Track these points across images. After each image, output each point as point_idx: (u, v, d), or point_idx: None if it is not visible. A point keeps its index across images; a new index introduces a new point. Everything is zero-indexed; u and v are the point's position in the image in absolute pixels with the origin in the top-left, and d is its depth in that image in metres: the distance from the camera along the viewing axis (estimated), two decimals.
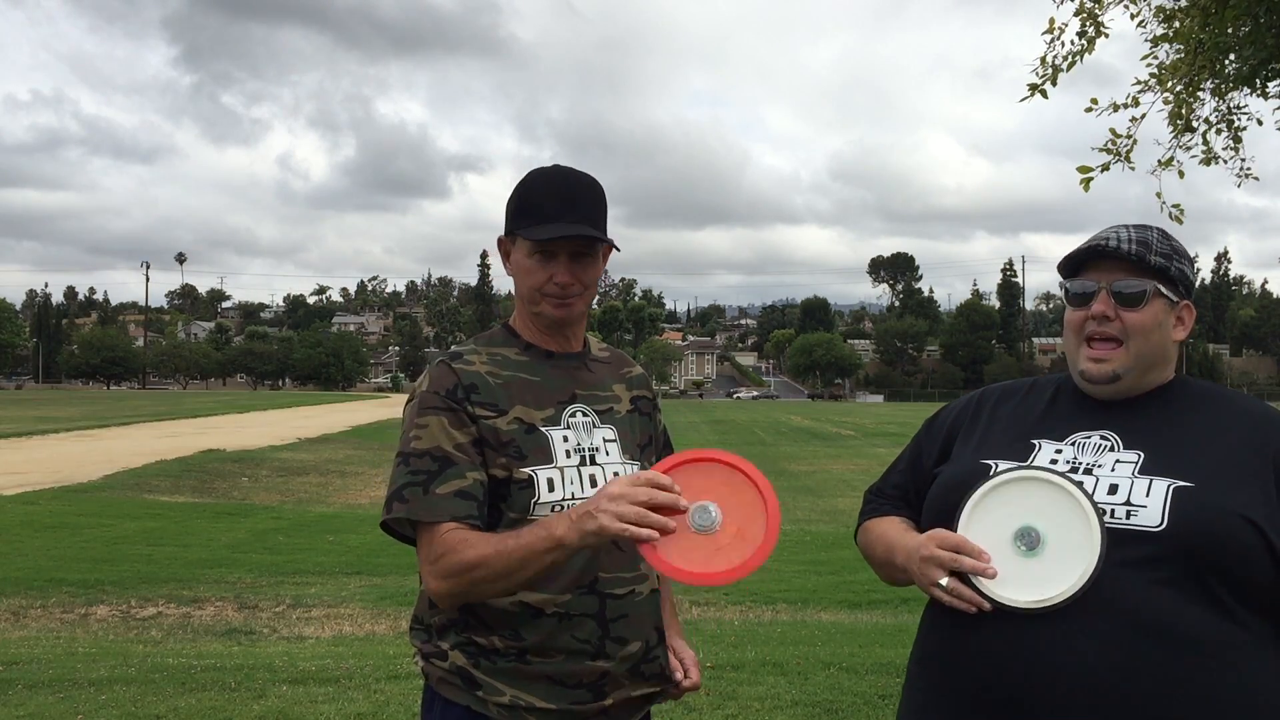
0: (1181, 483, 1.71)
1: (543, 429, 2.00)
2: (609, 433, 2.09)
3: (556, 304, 2.05)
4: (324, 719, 5.09)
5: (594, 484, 2.01)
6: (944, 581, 1.71)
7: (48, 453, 24.83)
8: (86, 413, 43.54)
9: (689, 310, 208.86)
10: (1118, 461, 1.78)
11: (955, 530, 1.74)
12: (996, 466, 1.81)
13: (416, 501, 1.92)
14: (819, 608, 9.62)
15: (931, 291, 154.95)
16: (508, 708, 1.95)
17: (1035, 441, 1.85)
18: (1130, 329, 1.82)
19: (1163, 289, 1.83)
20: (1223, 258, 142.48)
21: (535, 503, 1.96)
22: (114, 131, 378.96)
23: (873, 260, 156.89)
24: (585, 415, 2.07)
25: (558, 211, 2.02)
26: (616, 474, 2.04)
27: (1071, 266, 1.89)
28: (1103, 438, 1.82)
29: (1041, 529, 1.70)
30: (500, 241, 2.11)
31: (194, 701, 5.37)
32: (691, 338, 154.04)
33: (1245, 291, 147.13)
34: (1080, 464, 1.80)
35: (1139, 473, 1.75)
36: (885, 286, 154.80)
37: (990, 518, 1.73)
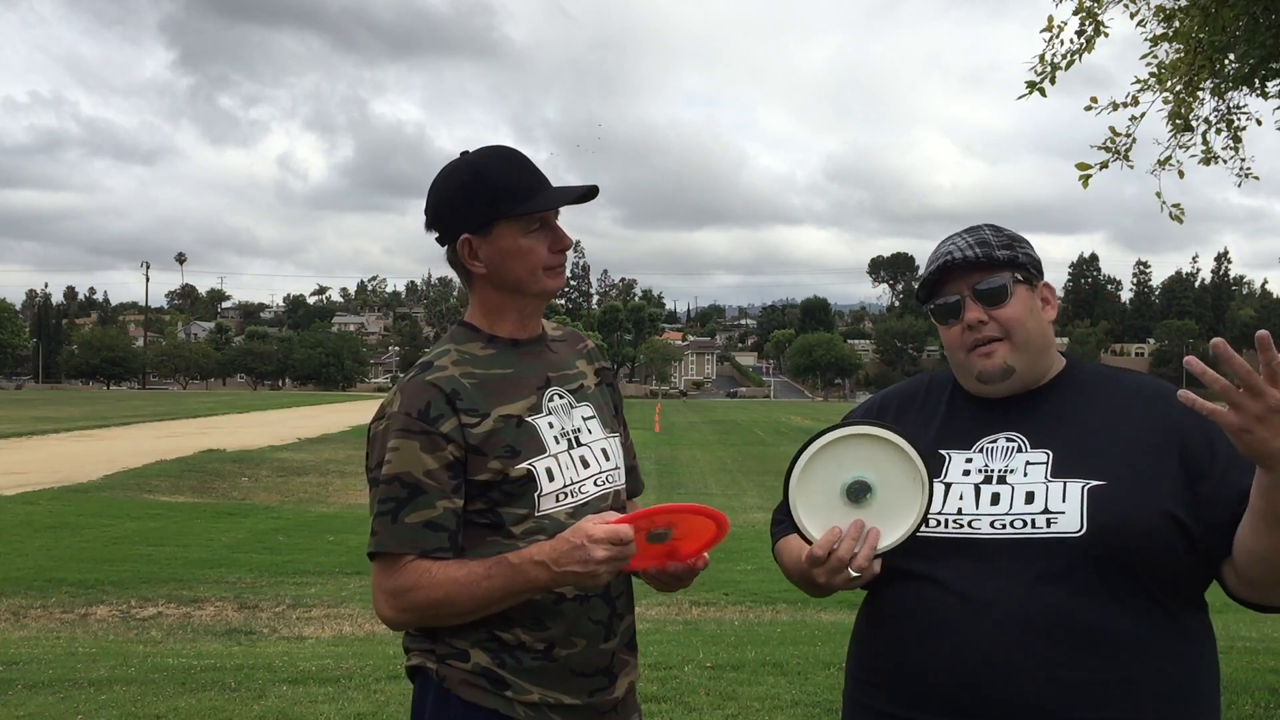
0: (1095, 482, 1.72)
1: (529, 419, 1.96)
2: (587, 410, 2.07)
3: (556, 274, 2.03)
4: (324, 719, 5.09)
5: (585, 465, 2.00)
6: (853, 574, 1.73)
7: (48, 453, 24.84)
8: (86, 413, 43.50)
9: (689, 310, 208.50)
10: (1028, 463, 1.78)
11: (788, 489, 1.78)
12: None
13: (385, 532, 1.88)
14: (819, 608, 9.60)
15: None
16: (535, 706, 1.90)
17: (944, 453, 1.85)
18: (1005, 324, 1.83)
19: (1019, 276, 1.85)
20: (1223, 258, 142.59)
21: (539, 495, 1.93)
22: (113, 133, 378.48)
23: (873, 260, 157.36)
24: (561, 397, 2.03)
25: (535, 182, 1.99)
26: (604, 450, 2.04)
27: (928, 290, 1.89)
28: (1008, 439, 1.82)
29: (871, 480, 1.75)
30: (465, 244, 1.99)
31: (194, 701, 5.37)
32: (691, 338, 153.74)
33: (1245, 291, 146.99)
34: (993, 471, 1.80)
35: (1051, 475, 1.75)
36: (885, 286, 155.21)
37: (823, 473, 1.77)
